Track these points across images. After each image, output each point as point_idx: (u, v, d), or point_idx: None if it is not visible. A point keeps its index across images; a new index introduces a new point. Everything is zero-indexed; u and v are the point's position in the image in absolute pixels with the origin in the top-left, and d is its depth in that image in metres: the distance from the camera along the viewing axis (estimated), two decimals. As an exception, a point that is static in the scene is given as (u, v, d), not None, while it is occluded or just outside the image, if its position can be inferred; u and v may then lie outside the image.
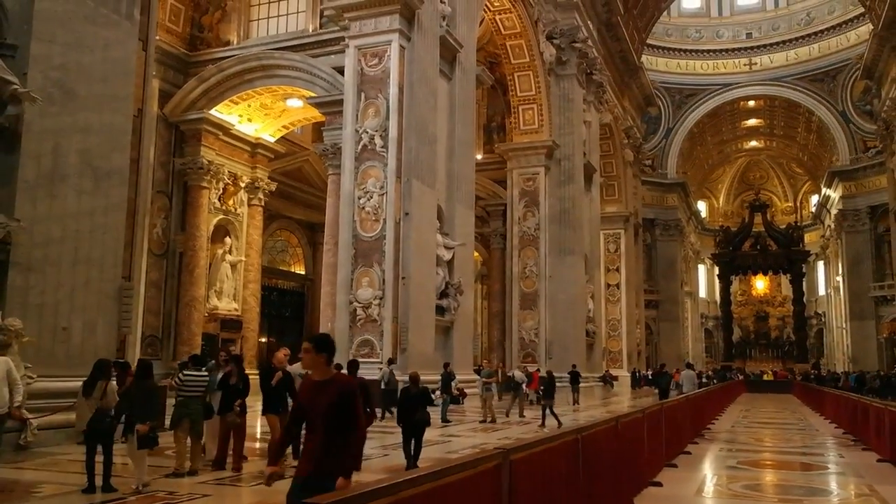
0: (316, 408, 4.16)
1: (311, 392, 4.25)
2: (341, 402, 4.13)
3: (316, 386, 4.25)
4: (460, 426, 15.65)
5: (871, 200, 52.14)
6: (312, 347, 4.25)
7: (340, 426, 4.12)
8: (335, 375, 4.34)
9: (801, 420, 21.20)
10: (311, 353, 4.24)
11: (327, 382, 4.23)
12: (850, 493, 8.59)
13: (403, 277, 20.31)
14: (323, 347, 4.28)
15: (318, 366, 4.26)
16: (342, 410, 4.13)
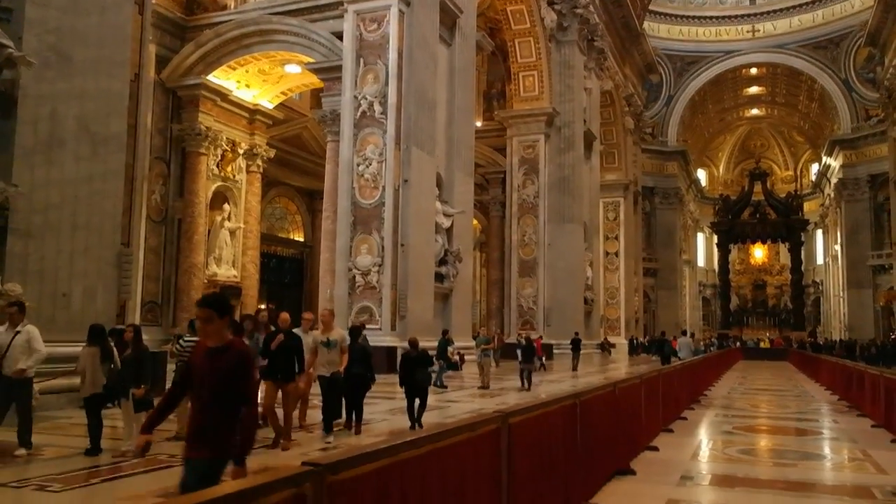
0: (207, 377, 3.65)
1: (204, 360, 3.71)
2: (237, 370, 3.66)
3: (209, 353, 3.70)
4: (458, 392, 15.77)
5: (872, 169, 52.00)
6: (215, 313, 3.68)
7: (232, 399, 3.63)
8: (232, 341, 3.77)
9: (797, 387, 21.38)
10: (214, 320, 3.68)
11: (223, 350, 3.69)
12: (843, 457, 8.70)
13: (402, 245, 20.33)
14: (225, 309, 3.76)
15: (218, 331, 3.70)
16: (236, 381, 3.65)
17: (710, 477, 7.29)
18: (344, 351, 8.73)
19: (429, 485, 3.18)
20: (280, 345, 8.19)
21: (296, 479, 2.33)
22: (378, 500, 2.77)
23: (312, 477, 2.39)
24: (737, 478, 7.16)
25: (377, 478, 2.77)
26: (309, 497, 2.36)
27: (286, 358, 8.19)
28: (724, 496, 6.33)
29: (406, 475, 2.99)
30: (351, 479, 2.59)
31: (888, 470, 7.59)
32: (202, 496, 2.02)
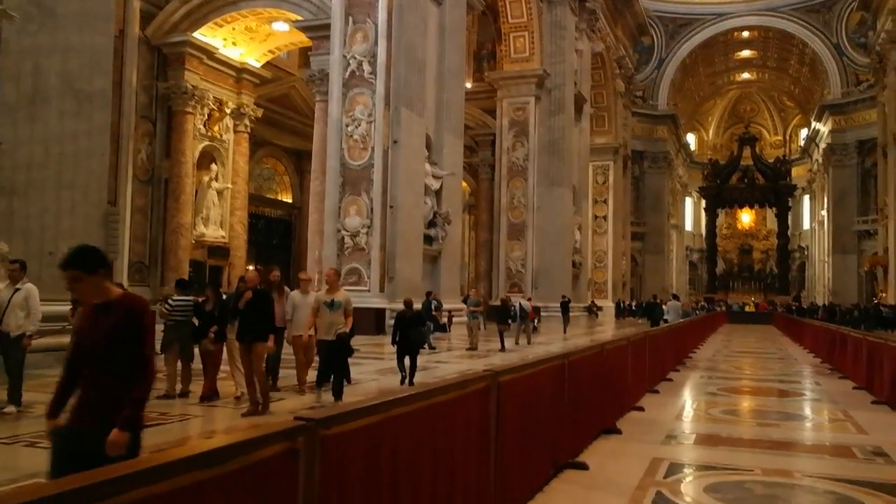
0: (92, 337, 3.11)
1: (88, 319, 3.18)
2: (128, 327, 3.10)
3: (94, 311, 3.17)
4: (447, 353, 15.90)
5: (860, 135, 52.05)
6: (81, 272, 3.10)
7: (125, 362, 3.08)
8: (120, 296, 3.21)
9: (781, 350, 21.67)
10: (83, 279, 3.11)
11: (109, 305, 3.14)
12: (825, 417, 8.86)
13: (391, 206, 20.28)
14: (94, 263, 3.15)
15: (95, 288, 3.14)
16: (127, 339, 3.09)
17: (694, 436, 7.42)
18: (349, 313, 8.43)
19: (419, 441, 3.21)
20: (248, 304, 7.80)
21: (288, 434, 2.35)
22: (369, 455, 2.79)
23: (305, 431, 2.41)
24: (720, 437, 7.28)
25: (369, 433, 2.79)
26: (301, 451, 2.37)
27: (254, 318, 7.75)
28: (708, 455, 6.44)
29: (397, 431, 3.02)
30: (343, 434, 2.61)
31: (868, 430, 7.74)
32: (191, 450, 2.02)
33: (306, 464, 2.39)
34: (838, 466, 5.98)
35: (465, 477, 3.70)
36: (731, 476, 5.50)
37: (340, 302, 8.37)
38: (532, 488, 4.84)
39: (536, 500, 4.76)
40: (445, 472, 3.46)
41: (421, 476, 3.21)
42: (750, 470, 5.71)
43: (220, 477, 2.02)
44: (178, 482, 1.86)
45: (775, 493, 5.06)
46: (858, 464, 6.14)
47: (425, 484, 3.24)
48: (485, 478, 3.96)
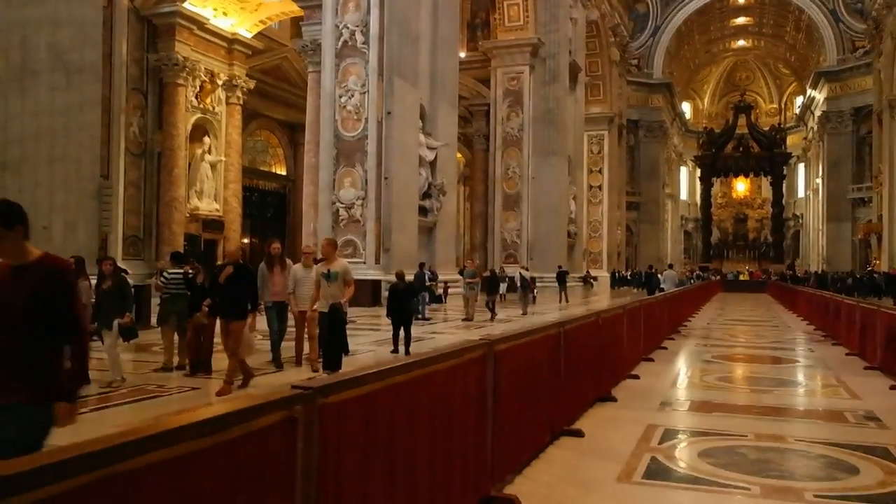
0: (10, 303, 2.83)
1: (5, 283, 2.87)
2: (48, 290, 2.87)
3: (10, 274, 2.88)
4: (443, 324, 15.97)
5: (856, 102, 51.88)
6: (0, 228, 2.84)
7: (48, 327, 2.86)
8: (42, 256, 2.96)
9: (775, 317, 21.82)
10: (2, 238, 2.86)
11: (25, 268, 2.88)
12: (818, 383, 8.95)
13: (386, 178, 20.22)
14: (12, 219, 2.89)
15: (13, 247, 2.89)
16: (50, 304, 2.86)
17: (688, 403, 7.49)
18: (348, 283, 8.11)
19: (417, 409, 3.24)
20: (227, 279, 7.46)
21: (287, 402, 2.36)
22: (367, 423, 2.82)
23: (304, 399, 2.42)
24: (714, 403, 7.35)
25: (367, 401, 2.82)
26: (300, 419, 2.39)
27: (233, 294, 7.40)
28: (702, 421, 6.51)
29: (395, 399, 3.04)
30: (341, 403, 2.63)
31: (860, 395, 7.82)
32: (188, 419, 2.04)
33: (305, 432, 2.41)
34: (831, 431, 6.06)
35: (463, 444, 3.74)
36: (724, 441, 5.57)
37: (337, 272, 8.05)
38: (529, 455, 4.90)
39: (533, 466, 4.82)
40: (443, 440, 3.50)
41: (418, 443, 3.24)
42: (743, 435, 5.77)
43: (217, 445, 2.03)
44: (175, 451, 1.86)
45: (768, 458, 5.13)
46: (850, 428, 6.22)
47: (423, 451, 3.28)
48: (482, 445, 4.00)
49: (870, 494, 4.28)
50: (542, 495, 4.25)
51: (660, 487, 4.48)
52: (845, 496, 4.25)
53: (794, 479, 4.60)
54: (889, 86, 39.75)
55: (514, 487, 4.35)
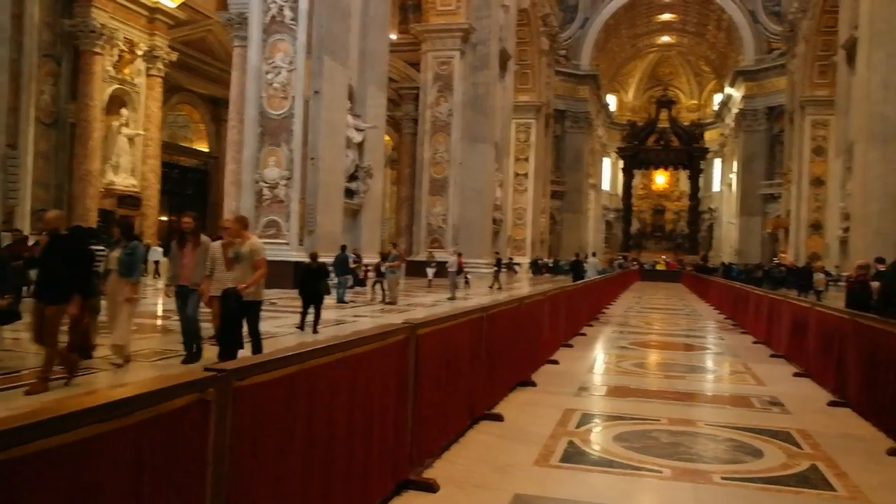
0: None
1: None
2: None
3: None
4: (365, 308, 15.87)
5: (770, 101, 54.07)
6: None
7: None
8: None
9: (688, 306, 22.60)
10: None
11: None
12: (727, 370, 9.31)
13: (312, 158, 19.91)
14: None
15: None
16: None
17: (605, 388, 7.66)
18: (257, 266, 7.06)
19: (337, 393, 3.18)
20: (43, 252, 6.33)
21: (199, 384, 2.27)
22: (285, 406, 2.75)
23: (217, 382, 2.34)
24: (630, 388, 7.55)
25: (285, 384, 2.74)
26: (213, 402, 2.31)
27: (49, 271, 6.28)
28: (617, 405, 6.67)
29: (315, 383, 2.98)
30: (258, 385, 2.55)
31: (766, 382, 8.18)
32: (94, 401, 1.93)
33: (218, 415, 2.33)
34: (738, 416, 6.30)
35: (383, 429, 3.71)
36: (638, 426, 5.72)
37: (244, 253, 7.00)
38: (449, 439, 4.91)
39: (453, 450, 4.83)
40: (362, 424, 3.46)
41: (338, 427, 3.19)
42: (657, 420, 5.94)
43: (125, 429, 1.93)
44: (80, 434, 1.77)
45: (680, 441, 5.29)
46: (756, 413, 6.48)
47: (342, 436, 3.23)
48: (402, 429, 3.98)
49: (773, 476, 4.48)
50: (460, 478, 4.26)
51: (576, 470, 4.57)
52: (750, 478, 4.43)
53: (704, 462, 4.76)
54: (801, 87, 41.56)
55: (433, 471, 4.35)
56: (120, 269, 7.33)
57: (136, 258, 7.44)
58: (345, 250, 17.53)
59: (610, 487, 4.29)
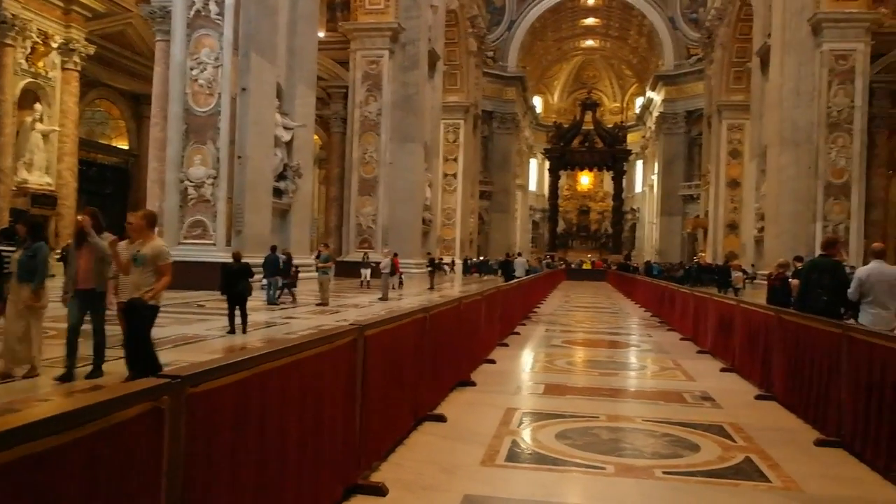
0: None
1: None
2: None
3: None
4: (297, 309, 15.62)
5: (689, 105, 55.99)
6: None
7: None
8: None
9: (615, 304, 23.13)
10: None
11: None
12: (657, 366, 9.56)
13: (240, 157, 19.49)
14: None
15: None
16: None
17: (542, 387, 7.74)
18: (162, 272, 6.27)
19: (288, 396, 3.11)
20: None
21: (152, 392, 2.19)
22: (238, 412, 2.67)
23: (170, 389, 2.25)
24: (567, 386, 7.67)
25: (238, 390, 2.66)
26: (166, 410, 2.22)
27: None
28: (557, 403, 6.75)
29: (266, 387, 2.90)
30: (211, 392, 2.47)
31: (695, 377, 8.44)
32: (42, 413, 1.82)
33: (172, 423, 2.24)
34: (673, 411, 6.47)
35: (332, 432, 3.64)
36: (579, 423, 5.80)
37: (146, 256, 6.21)
38: (395, 441, 4.87)
39: (398, 452, 4.80)
40: (312, 428, 3.39)
41: (289, 433, 3.11)
42: (595, 416, 6.04)
43: (75, 442, 1.83)
44: (27, 449, 1.66)
45: (619, 437, 5.40)
46: (689, 408, 6.68)
47: (293, 441, 3.15)
48: (351, 432, 3.92)
49: (711, 469, 4.61)
50: (408, 481, 4.23)
51: (523, 469, 4.60)
52: (690, 472, 4.55)
53: (644, 458, 4.87)
54: (718, 92, 43.15)
55: (380, 474, 4.30)
56: (19, 273, 6.81)
57: (38, 261, 6.84)
58: (275, 251, 17.20)
59: (557, 485, 4.34)
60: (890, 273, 7.02)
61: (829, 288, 7.62)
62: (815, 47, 27.64)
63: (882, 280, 6.94)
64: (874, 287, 6.93)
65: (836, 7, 27.36)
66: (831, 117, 27.25)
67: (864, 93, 27.40)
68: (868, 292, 6.96)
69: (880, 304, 6.89)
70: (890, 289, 6.90)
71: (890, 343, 4.80)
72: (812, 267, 8.29)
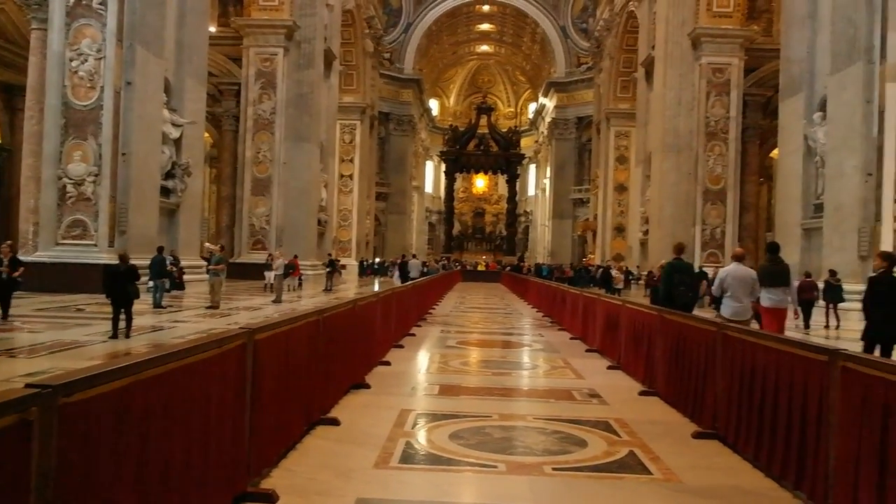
0: None
1: None
2: None
3: None
4: (185, 312, 15.08)
5: (579, 112, 57.91)
6: None
7: None
8: None
9: (509, 305, 23.59)
10: None
11: None
12: (548, 365, 9.81)
13: (124, 153, 18.63)
14: None
15: None
16: None
17: (437, 387, 7.79)
18: None
19: (173, 403, 2.99)
20: None
21: (20, 403, 2.04)
22: (117, 421, 2.54)
23: (40, 400, 2.11)
24: (461, 387, 7.76)
25: (116, 398, 2.53)
26: (36, 422, 2.08)
27: None
28: (451, 404, 6.82)
29: (149, 394, 2.77)
30: (87, 401, 2.34)
31: (584, 375, 8.72)
32: None
33: (41, 436, 2.11)
34: (562, 409, 6.67)
35: (220, 440, 3.53)
36: (472, 423, 5.88)
37: None
38: (287, 446, 4.78)
39: (290, 457, 4.71)
40: (199, 436, 3.27)
41: (174, 440, 2.99)
42: (488, 416, 6.14)
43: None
44: None
45: (511, 436, 5.51)
46: (577, 405, 6.90)
47: (179, 448, 3.03)
48: (240, 439, 3.81)
49: (597, 464, 4.78)
50: (300, 487, 4.16)
51: (416, 470, 4.61)
52: (578, 467, 4.70)
53: (535, 455, 4.98)
54: (607, 100, 44.81)
55: (271, 481, 4.21)
56: None
57: None
58: (162, 252, 16.53)
59: (450, 485, 4.38)
60: (744, 273, 8.40)
61: (689, 285, 9.36)
62: (694, 60, 29.19)
63: (738, 279, 8.30)
64: (732, 284, 8.29)
65: (713, 23, 29.00)
66: (709, 126, 28.85)
67: (739, 104, 29.16)
68: (728, 288, 8.31)
69: (736, 298, 8.25)
70: (744, 286, 8.27)
71: (759, 340, 5.12)
72: (672, 269, 9.60)
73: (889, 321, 7.20)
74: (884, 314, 7.24)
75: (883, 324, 7.25)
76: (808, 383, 4.21)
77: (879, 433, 3.41)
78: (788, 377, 4.46)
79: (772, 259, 9.33)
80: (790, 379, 4.43)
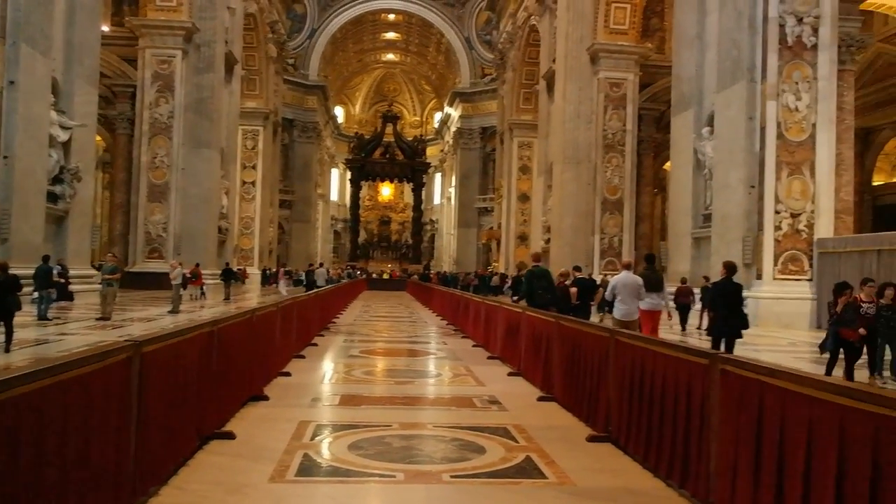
0: None
1: None
2: None
3: None
4: (73, 324, 14.35)
5: (484, 122, 58.78)
6: None
7: None
8: None
9: (413, 313, 23.63)
10: None
11: None
12: (450, 373, 9.88)
13: (6, 157, 17.63)
14: None
15: None
16: None
17: (338, 398, 7.72)
18: None
19: (48, 422, 2.83)
20: None
21: None
22: (-17, 443, 2.39)
23: None
24: (362, 397, 7.71)
25: (-18, 418, 2.38)
26: None
27: None
28: (351, 414, 6.76)
29: (20, 413, 2.62)
30: (-53, 422, 2.19)
31: (485, 382, 8.84)
32: None
33: None
34: (462, 416, 6.73)
35: (103, 457, 3.37)
36: (372, 432, 5.85)
37: None
38: (176, 462, 4.61)
39: (181, 474, 4.55)
40: (77, 457, 3.11)
41: (50, 461, 2.84)
42: (389, 425, 6.12)
43: None
44: None
45: (411, 445, 5.51)
46: (478, 412, 6.98)
47: (55, 469, 2.88)
48: (125, 456, 3.66)
49: (495, 470, 4.85)
50: (190, 504, 4.03)
51: (312, 484, 4.55)
52: (476, 474, 4.75)
53: (433, 463, 5.01)
54: (510, 111, 45.69)
55: (159, 500, 4.05)
56: None
57: None
58: (48, 261, 15.68)
59: (346, 497, 4.33)
60: (632, 280, 9.76)
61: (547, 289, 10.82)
62: (593, 75, 30.17)
63: (626, 285, 9.67)
64: (622, 290, 9.64)
65: (610, 39, 30.06)
66: (607, 139, 29.85)
67: (634, 118, 30.33)
68: (618, 294, 9.69)
69: (625, 302, 9.65)
70: (631, 291, 9.62)
71: (648, 345, 5.34)
72: (532, 275, 11.11)
73: (730, 320, 8.74)
74: (725, 314, 8.79)
75: (725, 322, 8.79)
76: (691, 386, 4.41)
77: (755, 431, 3.61)
78: (674, 380, 4.67)
79: (648, 268, 10.85)
80: (675, 382, 4.64)
